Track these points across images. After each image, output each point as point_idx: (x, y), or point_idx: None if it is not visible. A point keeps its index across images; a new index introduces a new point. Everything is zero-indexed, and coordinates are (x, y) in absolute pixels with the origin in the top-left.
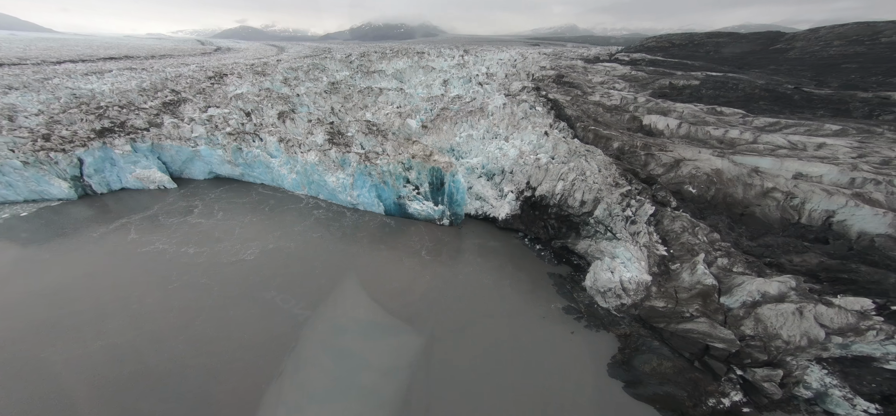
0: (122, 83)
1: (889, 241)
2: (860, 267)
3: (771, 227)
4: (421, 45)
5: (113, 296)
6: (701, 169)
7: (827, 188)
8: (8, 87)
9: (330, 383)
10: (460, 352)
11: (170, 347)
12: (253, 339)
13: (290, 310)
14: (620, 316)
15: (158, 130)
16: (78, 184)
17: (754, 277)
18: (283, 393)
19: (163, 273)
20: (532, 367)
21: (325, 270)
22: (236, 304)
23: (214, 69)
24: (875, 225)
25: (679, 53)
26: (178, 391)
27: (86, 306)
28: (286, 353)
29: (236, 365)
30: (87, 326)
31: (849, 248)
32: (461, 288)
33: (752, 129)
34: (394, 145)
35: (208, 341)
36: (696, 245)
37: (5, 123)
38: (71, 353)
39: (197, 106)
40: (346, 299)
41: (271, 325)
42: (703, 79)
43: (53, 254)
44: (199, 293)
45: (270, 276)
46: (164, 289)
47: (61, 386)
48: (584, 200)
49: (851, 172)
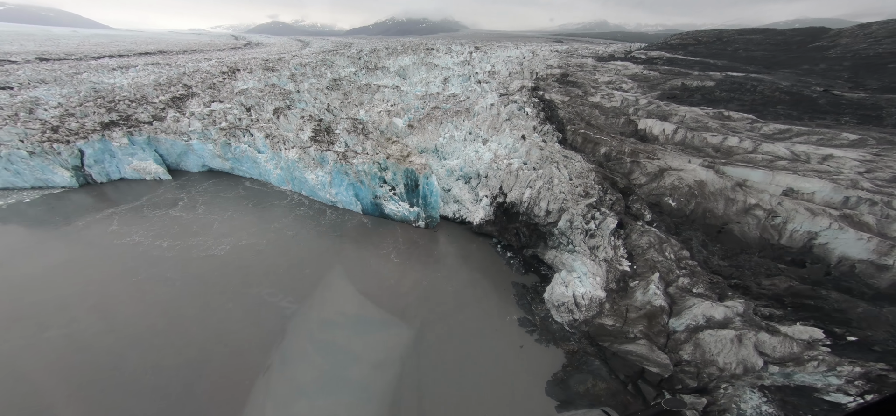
0: (142, 78)
1: (870, 267)
2: (831, 294)
3: (748, 246)
4: (435, 40)
5: (77, 289)
6: (684, 180)
7: (813, 208)
8: (41, 80)
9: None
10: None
11: (140, 343)
12: (205, 335)
13: (254, 305)
14: (572, 332)
15: (160, 124)
16: (79, 173)
17: (703, 300)
18: (269, 387)
19: (130, 266)
20: (473, 380)
21: (289, 268)
22: (196, 299)
23: (230, 64)
24: (858, 250)
25: (703, 52)
26: (154, 386)
27: (49, 296)
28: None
29: (207, 363)
30: (49, 316)
31: (826, 272)
32: (423, 292)
33: (758, 136)
34: (373, 145)
35: (153, 335)
36: (659, 263)
37: (23, 114)
38: (31, 344)
39: (203, 101)
40: (320, 301)
41: (228, 320)
42: (721, 80)
43: (37, 241)
44: (159, 287)
45: (234, 272)
46: (127, 282)
47: (31, 383)
48: (549, 209)
49: (847, 190)
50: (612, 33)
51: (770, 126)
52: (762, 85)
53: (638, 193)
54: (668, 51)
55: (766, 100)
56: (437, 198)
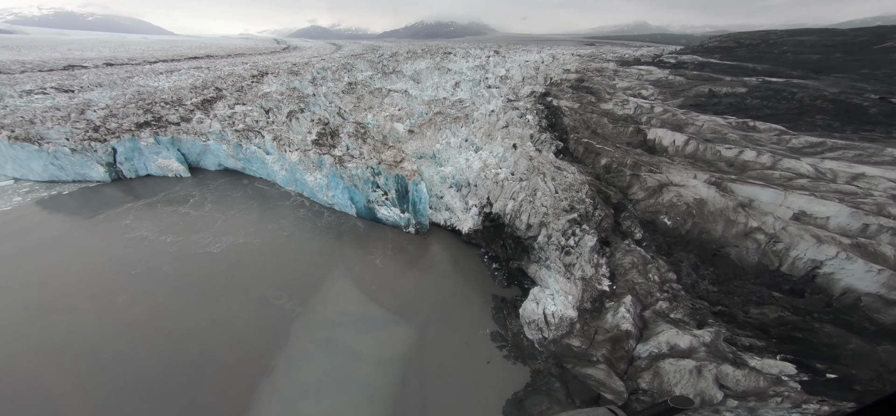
0: (182, 81)
1: (878, 302)
2: (825, 327)
3: (744, 271)
4: (459, 43)
5: (80, 279)
6: (683, 198)
7: (820, 234)
8: (98, 84)
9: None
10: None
11: (129, 334)
12: (183, 330)
13: (234, 305)
14: (541, 350)
15: (187, 125)
16: (112, 169)
17: (670, 327)
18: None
19: (132, 260)
20: (433, 395)
21: (278, 268)
22: (178, 295)
23: (262, 68)
24: (866, 283)
25: (742, 55)
26: (150, 379)
27: (55, 284)
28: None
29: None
30: (52, 302)
31: (826, 304)
32: (402, 300)
33: (783, 150)
34: (369, 149)
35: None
36: (639, 285)
37: (74, 115)
38: (39, 344)
39: (228, 103)
40: (322, 300)
41: (208, 317)
42: (756, 85)
43: (65, 231)
44: (151, 282)
45: (223, 270)
46: (125, 275)
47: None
48: (529, 223)
49: (868, 215)
50: (651, 36)
51: (801, 138)
52: (803, 92)
53: (631, 209)
54: (702, 54)
55: (804, 109)
56: (425, 205)
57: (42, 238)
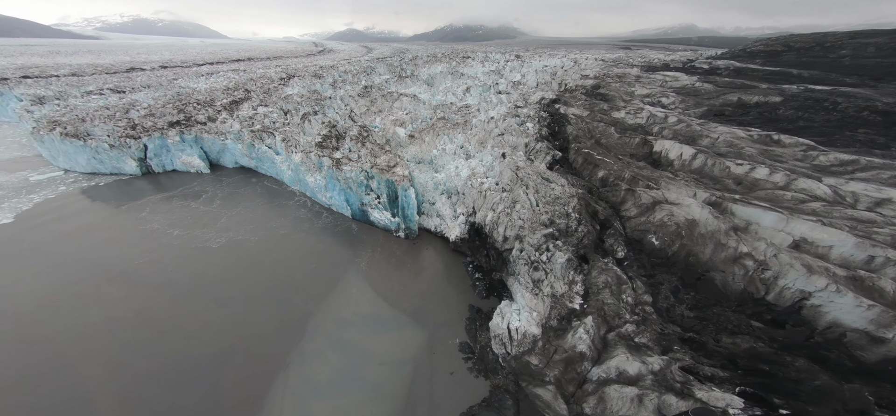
0: (217, 83)
1: (863, 338)
2: (797, 361)
3: (727, 298)
4: (486, 47)
5: (89, 267)
6: (675, 217)
7: (814, 264)
8: (147, 85)
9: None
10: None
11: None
12: (166, 322)
13: (212, 301)
14: (503, 366)
15: (213, 124)
16: (143, 164)
17: (624, 352)
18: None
19: (139, 250)
20: (391, 404)
21: (266, 268)
22: (169, 291)
23: (290, 71)
24: (854, 317)
25: (789, 60)
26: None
27: (67, 271)
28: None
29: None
30: (57, 290)
31: (807, 337)
32: (376, 306)
33: (805, 168)
34: (366, 153)
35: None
36: (609, 306)
37: (119, 114)
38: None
39: (252, 104)
40: (337, 302)
41: (192, 311)
42: (795, 94)
43: (94, 220)
44: (152, 273)
45: (217, 264)
46: (130, 265)
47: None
48: (506, 235)
49: (877, 247)
50: (698, 39)
51: (830, 155)
52: (849, 101)
53: (616, 226)
54: (743, 59)
55: (845, 121)
56: (413, 210)
57: (74, 226)
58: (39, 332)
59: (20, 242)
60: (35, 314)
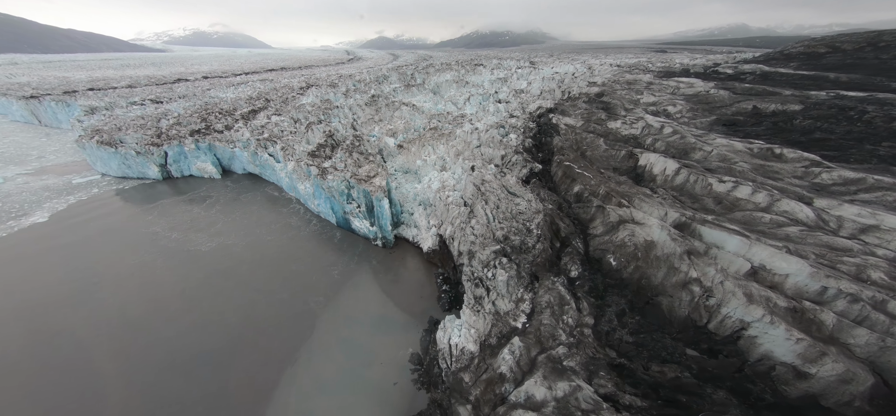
0: (244, 93)
1: (790, 372)
2: (716, 394)
3: (670, 324)
4: (507, 52)
5: (90, 265)
6: (635, 237)
7: (755, 293)
8: (183, 95)
9: None
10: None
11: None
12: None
13: (194, 309)
14: (444, 381)
15: (229, 133)
16: (163, 170)
17: (536, 376)
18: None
19: (131, 249)
20: (328, 409)
21: (247, 271)
22: (153, 290)
23: (311, 80)
24: (783, 351)
25: (832, 62)
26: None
27: (75, 266)
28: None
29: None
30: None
31: (738, 369)
32: (338, 310)
33: (800, 186)
34: (352, 162)
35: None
36: (545, 326)
37: (151, 123)
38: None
39: (268, 113)
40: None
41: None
42: (820, 101)
43: (116, 222)
44: (143, 271)
45: (204, 267)
46: (128, 264)
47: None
48: (460, 249)
49: (831, 279)
50: (748, 39)
51: (834, 172)
52: (880, 110)
53: (575, 244)
54: (775, 62)
55: (869, 133)
56: (386, 220)
57: (98, 227)
58: (62, 322)
59: (51, 239)
60: (58, 306)
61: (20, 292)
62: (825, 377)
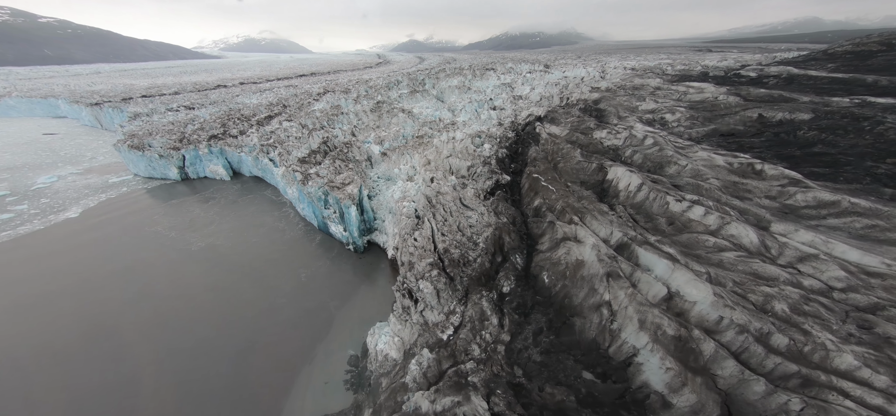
0: (267, 98)
1: (659, 401)
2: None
3: (578, 345)
4: (534, 53)
5: (93, 262)
6: (570, 255)
7: (649, 319)
8: (214, 102)
9: None
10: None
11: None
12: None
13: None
14: (370, 384)
15: (243, 137)
16: (181, 171)
17: (423, 391)
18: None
19: (132, 247)
20: (252, 399)
21: (219, 273)
22: (137, 285)
23: (328, 86)
24: (657, 379)
25: (876, 64)
26: None
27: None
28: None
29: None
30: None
31: (620, 395)
32: (296, 308)
33: (769, 207)
34: (333, 169)
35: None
36: (462, 340)
37: (178, 128)
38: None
39: (281, 119)
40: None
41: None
42: (835, 110)
43: (137, 221)
44: (135, 267)
45: (186, 264)
46: (120, 262)
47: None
48: (402, 260)
49: (729, 308)
50: (816, 35)
51: (810, 194)
52: (889, 123)
53: (513, 260)
54: (811, 64)
55: (875, 148)
56: (354, 227)
57: (125, 224)
58: (91, 308)
59: (74, 236)
60: (89, 293)
61: (24, 287)
62: (682, 406)
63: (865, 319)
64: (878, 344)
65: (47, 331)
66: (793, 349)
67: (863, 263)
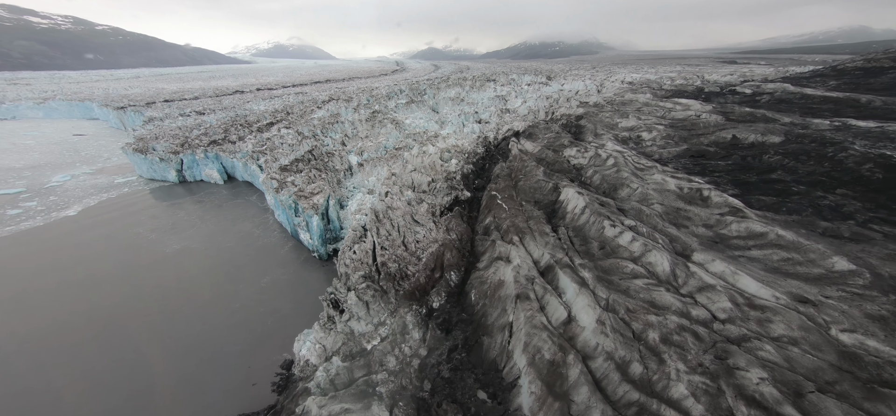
0: (271, 105)
1: None
2: None
3: (482, 364)
4: (549, 63)
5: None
6: (497, 275)
7: (531, 343)
8: (224, 107)
9: None
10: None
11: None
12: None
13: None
14: (290, 388)
15: (241, 143)
16: (179, 174)
17: (317, 396)
18: None
19: (110, 249)
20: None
21: (187, 278)
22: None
23: (333, 94)
24: (526, 403)
25: (879, 83)
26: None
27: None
28: None
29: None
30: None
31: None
32: (248, 311)
33: (701, 234)
34: (305, 178)
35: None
36: (378, 350)
37: (183, 133)
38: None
39: (280, 126)
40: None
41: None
42: (804, 133)
43: (135, 218)
44: (111, 274)
45: (156, 267)
46: (98, 265)
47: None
48: (341, 271)
49: (603, 336)
50: (861, 44)
51: (743, 224)
52: (869, 147)
53: (448, 277)
54: (812, 81)
55: (831, 176)
56: (317, 236)
57: (124, 223)
58: (101, 301)
59: (70, 235)
60: (98, 287)
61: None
62: None
63: (726, 350)
64: (717, 374)
65: None
66: (643, 377)
67: (757, 295)
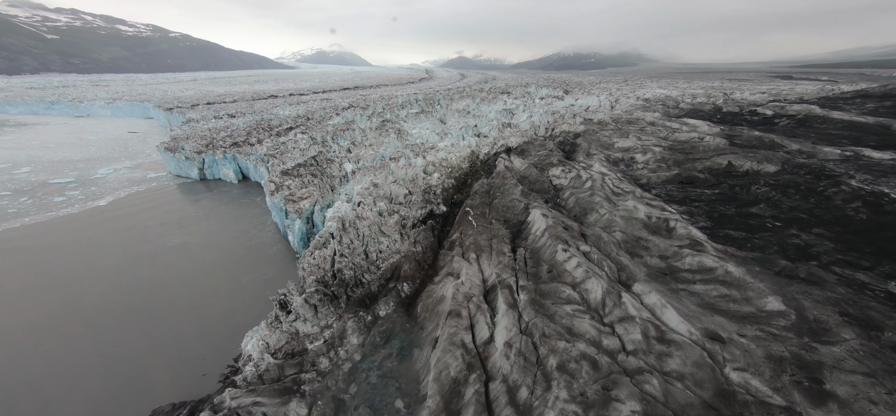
0: (295, 111)
1: None
2: None
3: (407, 374)
4: (581, 75)
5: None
6: (441, 290)
7: (446, 358)
8: (253, 111)
9: None
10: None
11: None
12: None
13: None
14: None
15: (258, 146)
16: (201, 172)
17: (233, 388)
18: None
19: (120, 239)
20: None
21: (182, 271)
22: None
23: (354, 101)
24: None
25: None
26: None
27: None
28: None
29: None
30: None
31: None
32: (212, 310)
33: (654, 265)
34: (298, 183)
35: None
36: (314, 351)
37: (210, 134)
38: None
39: (298, 131)
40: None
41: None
42: (803, 164)
43: (155, 212)
44: (109, 267)
45: (150, 261)
46: (97, 257)
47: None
48: (299, 275)
49: (512, 365)
50: None
51: (698, 258)
52: (868, 182)
53: (398, 288)
54: (848, 104)
55: (814, 214)
56: (298, 239)
57: (145, 216)
58: (118, 285)
59: (100, 224)
60: (94, 279)
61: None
62: None
63: (616, 381)
64: (592, 404)
65: None
66: (526, 403)
67: (675, 329)
